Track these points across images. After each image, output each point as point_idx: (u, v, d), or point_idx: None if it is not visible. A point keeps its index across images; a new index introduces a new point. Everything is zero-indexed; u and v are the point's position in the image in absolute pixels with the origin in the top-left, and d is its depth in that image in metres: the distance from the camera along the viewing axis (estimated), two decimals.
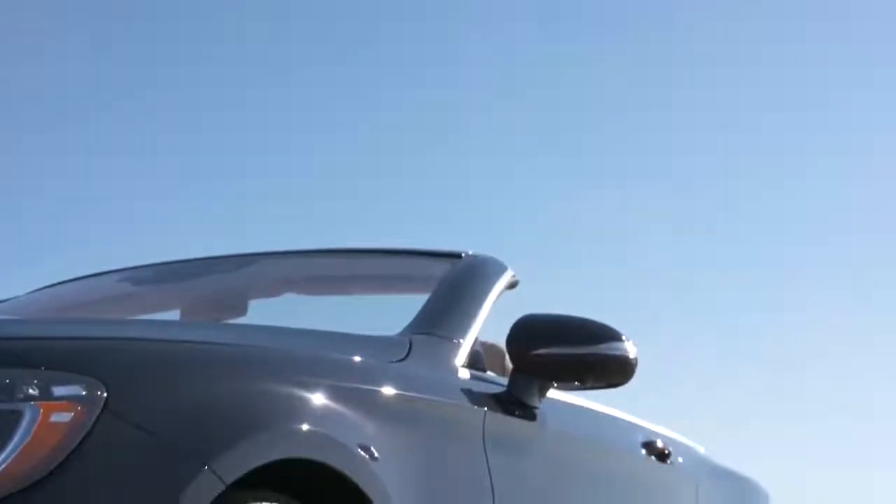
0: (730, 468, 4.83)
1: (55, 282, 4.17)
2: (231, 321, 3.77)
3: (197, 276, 4.10)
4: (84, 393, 1.92)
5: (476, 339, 3.16)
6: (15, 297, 4.00)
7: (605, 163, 11.22)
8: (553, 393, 3.26)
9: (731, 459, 4.91)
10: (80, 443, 1.87)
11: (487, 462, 2.83)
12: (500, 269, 3.48)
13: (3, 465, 1.82)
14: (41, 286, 4.14)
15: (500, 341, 3.27)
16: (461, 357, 3.02)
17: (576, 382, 3.17)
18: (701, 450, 4.59)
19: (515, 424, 3.05)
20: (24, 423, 1.86)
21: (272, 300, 4.12)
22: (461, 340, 3.06)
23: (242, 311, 3.94)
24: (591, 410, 3.68)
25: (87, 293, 4.07)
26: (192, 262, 4.15)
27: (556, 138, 10.79)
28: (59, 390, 1.91)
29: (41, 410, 1.87)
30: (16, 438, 1.84)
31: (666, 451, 4.01)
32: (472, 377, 3.01)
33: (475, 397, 2.93)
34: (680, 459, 4.14)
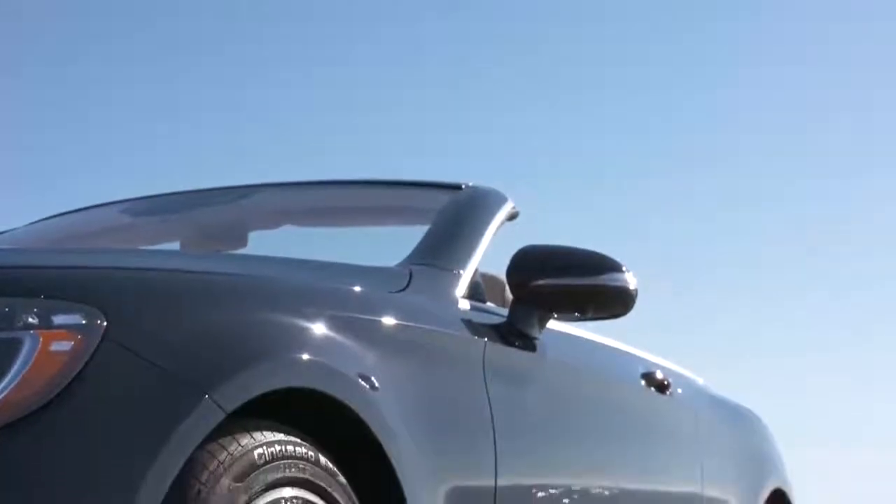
0: (728, 399, 4.86)
1: (54, 213, 4.17)
2: (231, 252, 3.76)
3: (196, 208, 4.09)
4: (84, 322, 1.92)
5: (476, 271, 3.16)
6: (13, 230, 4.00)
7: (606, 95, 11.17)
8: (553, 324, 3.26)
9: (730, 391, 4.93)
10: (80, 371, 1.87)
11: (487, 392, 2.83)
12: (501, 200, 3.48)
13: (3, 394, 1.82)
14: (40, 218, 4.14)
15: (501, 273, 3.27)
16: (461, 288, 3.02)
17: (576, 313, 3.18)
18: (700, 381, 4.61)
19: (515, 355, 3.06)
20: (24, 351, 1.86)
21: (272, 232, 4.12)
22: (461, 271, 3.06)
23: (242, 242, 3.93)
24: (591, 341, 3.69)
25: (87, 225, 4.06)
26: (191, 193, 4.13)
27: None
28: (58, 319, 1.91)
29: (41, 339, 1.87)
30: (15, 367, 1.84)
31: (665, 382, 4.02)
32: (472, 308, 3.01)
33: (475, 328, 2.94)
34: (679, 390, 4.16)
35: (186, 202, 4.10)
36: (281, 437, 2.15)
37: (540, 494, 3.05)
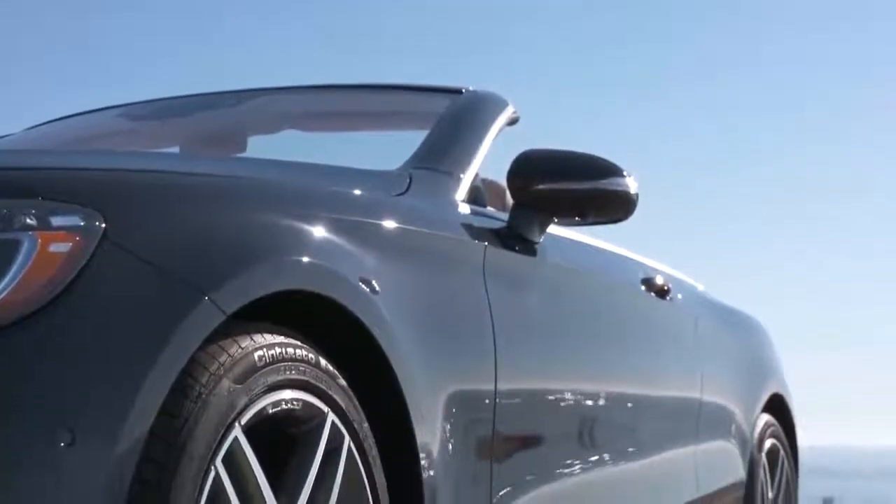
0: (728, 304, 4.87)
1: (52, 118, 4.15)
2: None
3: (196, 112, 4.07)
4: (82, 223, 1.91)
5: (477, 175, 3.15)
6: (11, 134, 3.98)
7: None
8: (554, 229, 3.26)
9: (730, 297, 4.95)
10: (79, 272, 1.86)
11: (487, 296, 2.84)
12: (501, 104, 3.46)
13: (2, 295, 1.81)
14: (38, 123, 4.12)
15: (502, 179, 3.26)
16: (461, 192, 3.01)
17: (576, 217, 3.17)
18: (700, 287, 4.61)
19: (516, 259, 3.06)
20: (23, 252, 1.85)
21: (271, 136, 4.10)
22: (461, 175, 3.05)
23: (242, 147, 3.92)
24: (592, 246, 3.69)
25: (85, 129, 4.04)
26: (191, 97, 4.11)
27: None
28: (56, 220, 1.90)
29: (39, 240, 1.86)
30: (14, 267, 1.83)
31: (665, 288, 4.03)
32: (473, 212, 3.00)
33: (475, 232, 2.93)
34: (679, 296, 4.16)
35: (186, 106, 4.08)
36: (281, 339, 2.16)
37: (539, 398, 3.06)
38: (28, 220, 1.87)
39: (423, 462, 2.46)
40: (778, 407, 4.86)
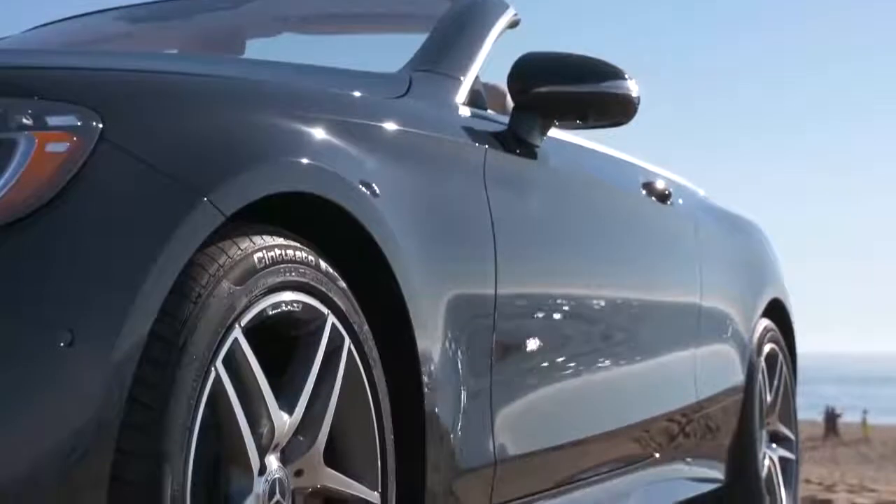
0: (728, 209, 4.86)
1: (49, 21, 4.11)
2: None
3: (194, 15, 4.03)
4: (79, 123, 1.89)
5: (477, 79, 3.13)
6: (8, 37, 3.94)
7: None
8: (554, 133, 3.24)
9: (730, 202, 4.94)
10: (77, 172, 1.85)
11: (488, 199, 2.83)
12: (502, 7, 3.42)
13: (0, 193, 1.80)
14: (35, 25, 4.08)
15: (502, 83, 3.24)
16: (461, 94, 2.99)
17: (577, 120, 3.16)
18: (700, 192, 4.60)
19: (516, 162, 3.04)
20: (19, 152, 1.84)
21: (270, 39, 4.07)
22: (461, 77, 3.03)
23: (240, 50, 3.89)
24: (592, 150, 3.67)
25: (83, 32, 4.01)
26: (190, 1, 4.07)
27: None
28: (53, 120, 1.88)
29: (36, 140, 1.85)
30: (11, 167, 1.82)
31: (666, 192, 4.02)
32: (473, 115, 2.98)
33: (476, 135, 2.92)
34: (679, 200, 4.16)
35: (184, 9, 4.05)
36: (281, 241, 2.15)
37: (539, 302, 3.07)
38: (24, 120, 1.86)
39: (423, 366, 2.47)
40: (777, 312, 4.87)
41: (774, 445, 4.81)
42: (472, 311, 2.71)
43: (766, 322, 4.71)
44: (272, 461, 2.12)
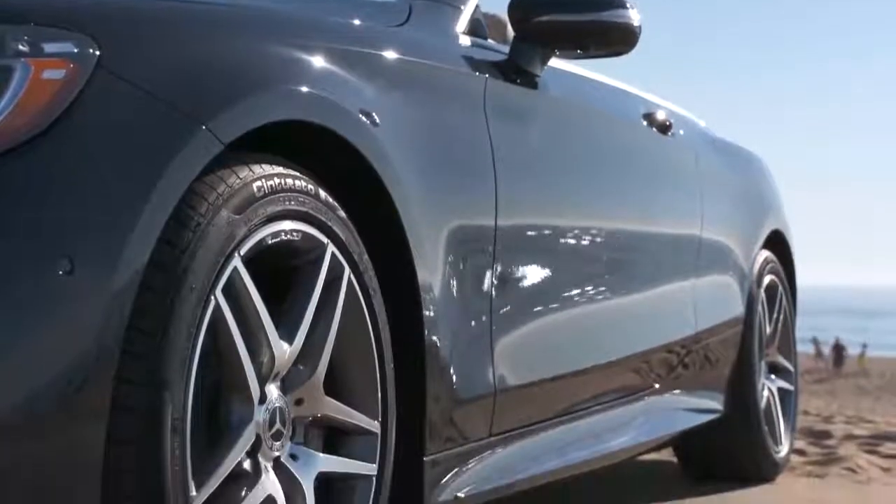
0: (729, 141, 4.85)
1: None
2: None
3: None
4: (76, 50, 1.87)
5: (478, 8, 3.10)
6: None
7: None
8: (555, 62, 3.22)
9: (731, 135, 4.91)
10: (74, 100, 1.83)
11: (488, 129, 2.81)
12: None
13: None
14: None
15: (503, 13, 3.21)
16: (462, 23, 2.96)
17: (577, 50, 3.13)
18: (701, 123, 4.58)
19: (516, 92, 3.02)
20: (16, 79, 1.82)
21: None
22: (462, 6, 3.00)
23: None
24: (593, 80, 3.65)
25: None
26: None
27: None
28: (49, 47, 1.86)
29: (32, 67, 1.83)
30: (7, 94, 1.80)
31: (667, 123, 4.00)
32: (474, 44, 2.96)
33: (476, 64, 2.89)
34: (681, 131, 4.14)
35: None
36: (280, 170, 2.14)
37: (539, 233, 3.06)
38: (20, 47, 1.84)
39: (423, 297, 2.47)
40: (777, 243, 4.87)
41: (773, 376, 4.82)
42: (473, 242, 2.71)
43: (766, 253, 4.71)
44: (272, 390, 2.13)
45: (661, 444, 4.22)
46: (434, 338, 2.51)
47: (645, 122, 3.86)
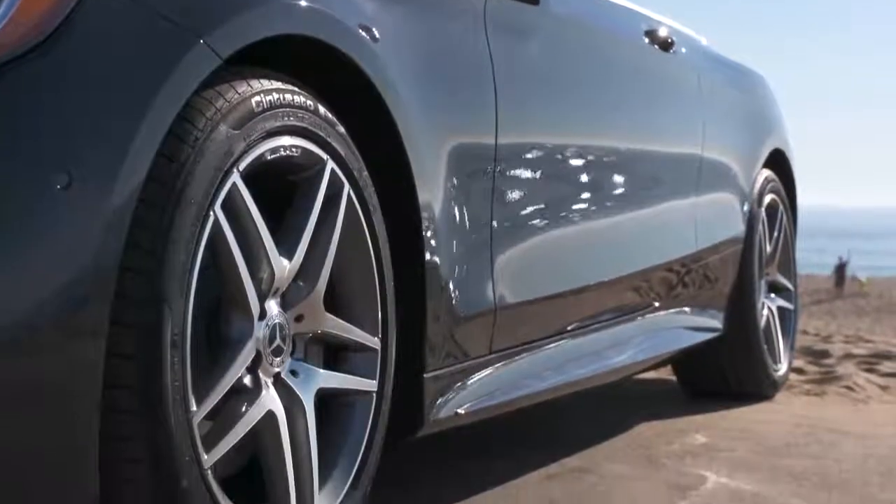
0: (731, 59, 4.81)
1: None
2: None
3: None
4: None
5: None
6: None
7: None
8: None
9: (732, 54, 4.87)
10: (70, 13, 1.80)
11: (489, 46, 2.79)
12: None
13: None
14: None
15: None
16: None
17: None
18: (703, 40, 4.54)
19: (517, 8, 2.99)
20: None
21: None
22: None
23: None
24: None
25: None
26: None
27: None
28: None
29: None
30: (4, 5, 1.77)
31: (669, 41, 3.97)
32: None
33: None
34: (682, 49, 4.11)
35: None
36: (279, 85, 2.12)
37: (539, 151, 3.05)
38: None
39: (423, 215, 2.46)
40: (778, 163, 4.85)
41: (773, 295, 4.83)
42: (473, 159, 2.70)
43: (767, 172, 4.70)
44: (272, 306, 2.12)
45: (660, 363, 4.24)
46: (434, 255, 2.50)
47: (646, 40, 3.83)
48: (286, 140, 2.12)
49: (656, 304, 3.83)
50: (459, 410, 2.64)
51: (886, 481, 3.26)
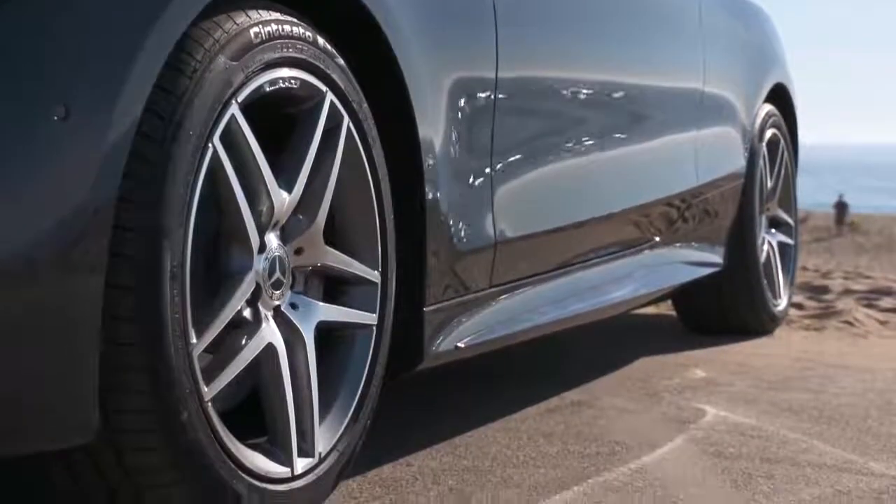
0: None
1: None
2: None
3: None
4: None
5: None
6: None
7: None
8: None
9: None
10: None
11: None
12: None
13: None
14: None
15: None
16: None
17: None
18: None
19: None
20: None
21: None
22: None
23: None
24: None
25: None
26: None
27: None
28: None
29: None
30: None
31: None
32: None
33: None
34: None
35: None
36: (277, 16, 2.10)
37: (540, 86, 3.03)
38: None
39: (423, 149, 2.44)
40: (780, 97, 4.83)
41: (773, 231, 4.83)
42: (473, 93, 2.68)
43: (768, 107, 4.68)
44: (272, 239, 2.12)
45: (660, 298, 4.24)
46: (434, 189, 2.49)
47: None
48: (285, 72, 2.10)
49: (657, 239, 3.82)
50: (459, 344, 2.64)
51: (885, 415, 3.27)
